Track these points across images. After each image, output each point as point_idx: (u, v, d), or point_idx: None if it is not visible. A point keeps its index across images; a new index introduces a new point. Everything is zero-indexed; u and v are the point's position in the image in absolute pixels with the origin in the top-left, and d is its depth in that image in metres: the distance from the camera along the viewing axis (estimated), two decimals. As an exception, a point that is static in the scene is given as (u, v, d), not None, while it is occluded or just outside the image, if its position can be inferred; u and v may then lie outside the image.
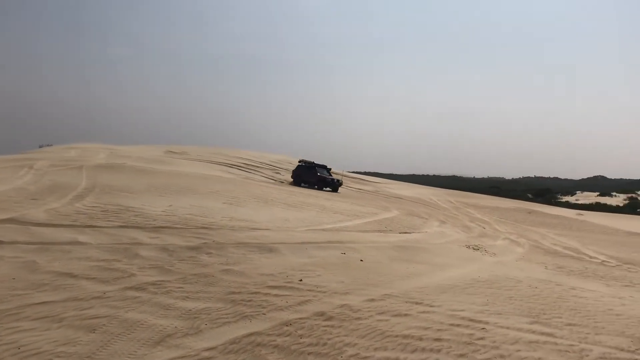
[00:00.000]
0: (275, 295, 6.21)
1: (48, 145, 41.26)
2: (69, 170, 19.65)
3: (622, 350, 5.61)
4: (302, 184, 33.08)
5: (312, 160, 34.91)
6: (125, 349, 4.34)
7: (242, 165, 38.24)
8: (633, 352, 5.59)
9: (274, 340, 4.76)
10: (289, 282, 6.88)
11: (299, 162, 35.29)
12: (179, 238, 8.87)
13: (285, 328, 5.10)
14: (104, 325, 4.79)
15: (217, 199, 15.05)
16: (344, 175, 37.83)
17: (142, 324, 4.89)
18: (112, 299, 5.53)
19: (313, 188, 31.40)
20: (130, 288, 5.96)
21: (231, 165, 36.95)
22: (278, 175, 37.13)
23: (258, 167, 39.12)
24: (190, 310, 5.38)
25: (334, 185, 32.45)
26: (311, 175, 32.89)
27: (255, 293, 6.19)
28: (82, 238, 8.19)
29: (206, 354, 4.38)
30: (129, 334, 4.64)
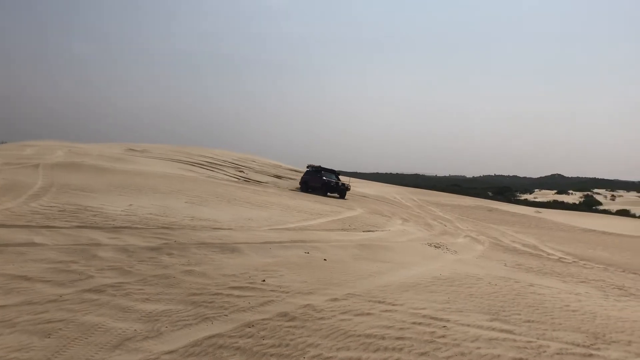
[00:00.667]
0: (238, 296, 6.16)
1: (2, 143, 39.87)
2: (25, 169, 19.02)
3: (578, 345, 5.79)
4: (309, 190, 30.85)
5: (319, 165, 32.62)
6: (82, 354, 4.23)
7: (204, 163, 37.77)
8: (588, 347, 5.79)
9: (236, 342, 4.72)
10: (251, 282, 6.84)
11: (307, 167, 33.15)
12: (139, 238, 8.70)
13: (248, 329, 5.06)
14: (59, 329, 4.65)
15: (179, 198, 14.84)
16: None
17: (99, 328, 4.77)
18: (68, 302, 5.37)
19: (321, 194, 29.38)
20: (88, 290, 5.81)
21: (193, 164, 36.43)
22: (242, 174, 36.84)
23: (221, 165, 38.73)
24: (150, 312, 5.28)
25: (341, 191, 30.44)
26: (317, 180, 30.71)
27: (217, 294, 6.13)
28: (37, 239, 7.93)
29: (167, 357, 4.31)
30: (86, 338, 4.52)
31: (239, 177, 34.65)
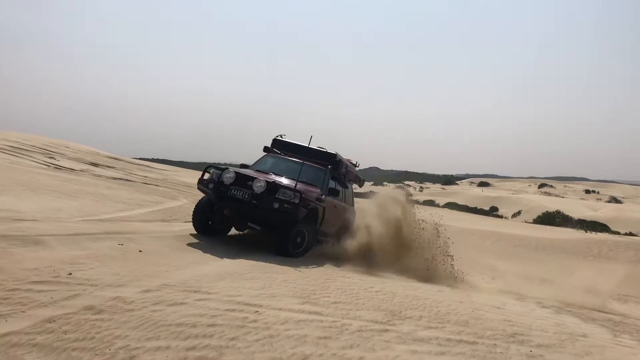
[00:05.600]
0: (39, 291, 5.72)
1: None
2: None
3: (377, 322, 6.47)
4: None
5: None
6: None
7: (6, 148, 33.72)
8: (385, 323, 6.50)
9: (34, 339, 4.42)
10: (56, 276, 6.39)
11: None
12: None
13: (48, 325, 4.76)
14: None
15: (-28, 186, 13.16)
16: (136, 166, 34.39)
17: None
18: None
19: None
20: None
21: (-9, 148, 32.31)
22: (53, 161, 33.66)
23: (28, 150, 34.95)
24: None
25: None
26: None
27: (15, 290, 5.62)
28: None
29: (-53, 361, 3.89)
30: None
31: (49, 164, 31.61)
